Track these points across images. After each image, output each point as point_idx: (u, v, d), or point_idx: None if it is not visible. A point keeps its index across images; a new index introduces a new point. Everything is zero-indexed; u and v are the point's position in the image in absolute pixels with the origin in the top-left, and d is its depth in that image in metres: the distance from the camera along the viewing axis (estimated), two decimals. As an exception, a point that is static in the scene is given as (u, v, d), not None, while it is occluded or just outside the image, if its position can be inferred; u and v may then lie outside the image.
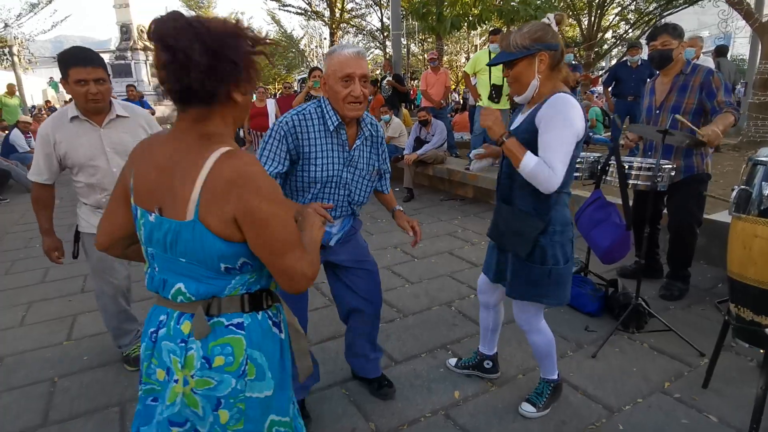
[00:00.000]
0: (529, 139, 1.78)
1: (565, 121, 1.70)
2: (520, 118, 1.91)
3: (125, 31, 15.90)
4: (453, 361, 2.50)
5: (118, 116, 2.29)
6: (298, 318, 1.27)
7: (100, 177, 2.27)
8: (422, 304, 3.26)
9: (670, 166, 2.90)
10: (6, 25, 16.40)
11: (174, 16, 0.96)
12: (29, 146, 8.43)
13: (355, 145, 1.89)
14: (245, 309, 1.10)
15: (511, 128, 1.91)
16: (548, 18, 1.78)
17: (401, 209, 2.15)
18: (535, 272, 1.88)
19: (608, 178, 3.00)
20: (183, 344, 1.05)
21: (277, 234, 1.01)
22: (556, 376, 2.16)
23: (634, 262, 3.44)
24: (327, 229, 1.96)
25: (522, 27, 1.78)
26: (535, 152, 1.75)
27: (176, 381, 1.05)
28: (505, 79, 1.93)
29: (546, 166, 1.69)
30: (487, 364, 2.39)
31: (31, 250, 4.77)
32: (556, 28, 1.77)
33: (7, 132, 8.54)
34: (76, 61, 2.10)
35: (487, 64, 2.01)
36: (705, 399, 2.20)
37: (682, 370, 2.43)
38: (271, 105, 8.43)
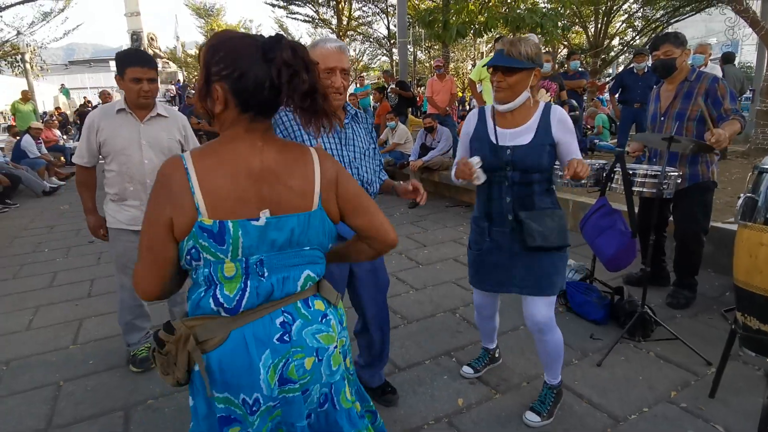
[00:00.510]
0: (550, 150, 1.92)
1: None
2: (518, 131, 1.94)
3: (136, 39, 16.16)
4: (469, 370, 2.47)
5: (158, 115, 2.49)
6: None
7: (130, 166, 2.44)
8: (426, 310, 3.26)
9: (676, 173, 2.89)
10: (19, 33, 16.68)
11: (291, 42, 1.11)
12: (40, 152, 8.54)
13: (345, 122, 1.97)
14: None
15: (518, 143, 1.94)
16: (534, 37, 1.98)
17: (398, 183, 2.18)
18: (563, 259, 2.03)
19: (614, 185, 2.99)
20: (325, 318, 1.19)
21: (369, 200, 1.24)
22: (558, 381, 2.17)
23: (639, 269, 3.41)
24: None
25: (527, 39, 1.86)
26: (551, 159, 1.94)
27: (335, 348, 1.19)
28: (491, 83, 2.01)
29: None
30: (496, 353, 2.56)
31: (39, 254, 4.82)
32: None
33: (18, 138, 8.64)
34: (133, 62, 2.35)
35: (485, 65, 2.11)
36: (712, 409, 2.17)
37: (689, 379, 2.40)
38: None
